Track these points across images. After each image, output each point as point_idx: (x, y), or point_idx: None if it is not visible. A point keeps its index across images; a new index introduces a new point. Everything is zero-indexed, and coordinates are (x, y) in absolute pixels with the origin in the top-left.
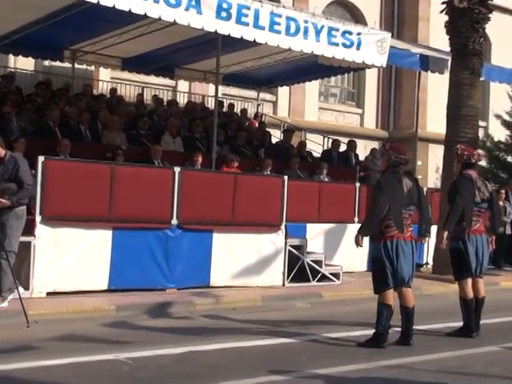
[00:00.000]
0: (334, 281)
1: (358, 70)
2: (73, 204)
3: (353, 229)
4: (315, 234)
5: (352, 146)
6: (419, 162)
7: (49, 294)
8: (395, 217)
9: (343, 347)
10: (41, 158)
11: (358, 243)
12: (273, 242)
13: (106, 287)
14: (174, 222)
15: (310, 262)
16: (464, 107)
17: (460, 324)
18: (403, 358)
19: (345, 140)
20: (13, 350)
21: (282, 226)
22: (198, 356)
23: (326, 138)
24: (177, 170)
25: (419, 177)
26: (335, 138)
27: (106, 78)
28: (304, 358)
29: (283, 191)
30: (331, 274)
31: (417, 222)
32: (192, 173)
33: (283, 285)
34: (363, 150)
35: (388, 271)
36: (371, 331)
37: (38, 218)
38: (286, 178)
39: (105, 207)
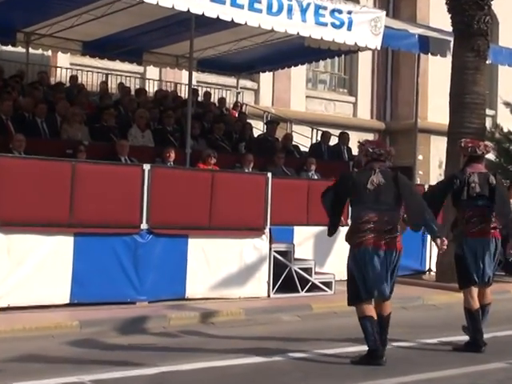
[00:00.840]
0: (326, 291)
1: (350, 53)
2: (28, 207)
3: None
4: (304, 239)
5: (344, 138)
6: (420, 157)
7: (2, 309)
8: (353, 219)
9: (335, 365)
10: None
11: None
12: (256, 248)
13: (67, 301)
14: (144, 226)
15: (298, 270)
16: (468, 94)
17: (467, 338)
18: (404, 376)
19: (336, 132)
20: None
21: (266, 230)
22: (172, 377)
23: (315, 130)
24: (146, 167)
25: (420, 173)
26: (325, 129)
27: (64, 65)
28: (291, 378)
29: (267, 190)
30: (322, 283)
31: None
32: (163, 170)
33: (268, 296)
34: (356, 143)
35: (358, 281)
36: (364, 347)
37: None
38: (269, 175)
39: (65, 210)
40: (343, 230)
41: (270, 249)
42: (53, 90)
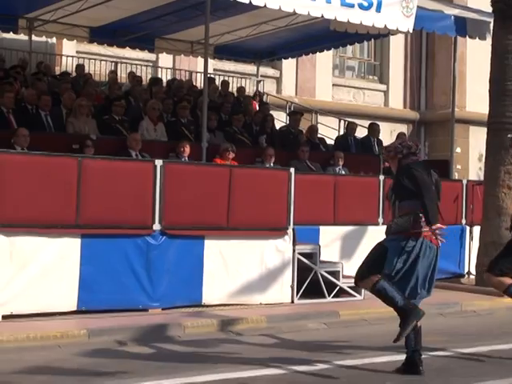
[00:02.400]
0: (355, 296)
1: (380, 37)
2: (32, 207)
3: (376, 232)
4: (330, 240)
5: (374, 130)
6: (458, 149)
7: (5, 317)
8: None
9: (364, 377)
10: None
11: None
12: (278, 250)
13: (74, 308)
14: (157, 227)
15: (325, 274)
16: (510, 81)
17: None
18: None
19: (365, 123)
20: None
21: (290, 230)
22: None
23: (342, 121)
24: (158, 163)
25: (458, 167)
26: (353, 120)
27: (70, 53)
28: None
29: (290, 187)
30: (350, 287)
31: None
32: (177, 166)
33: (292, 302)
34: (388, 134)
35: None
36: (400, 356)
37: None
38: (292, 170)
39: (71, 210)
40: (374, 231)
41: (294, 250)
42: (58, 80)
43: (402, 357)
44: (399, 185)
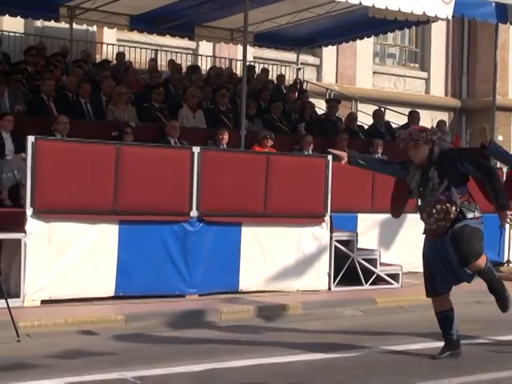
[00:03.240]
0: (392, 283)
1: (420, 24)
2: (71, 193)
3: (414, 220)
4: (368, 227)
5: (413, 118)
6: (500, 137)
7: (43, 302)
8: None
9: (398, 363)
10: (31, 138)
11: None
12: (315, 237)
13: (112, 293)
14: (194, 213)
15: (362, 261)
16: None
17: None
18: (470, 375)
19: (406, 111)
20: None
21: (327, 217)
22: (221, 374)
23: (382, 109)
24: (196, 150)
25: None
26: (391, 108)
27: (111, 41)
28: (349, 377)
29: (327, 174)
30: (388, 275)
31: None
32: (215, 153)
33: (329, 289)
34: (429, 122)
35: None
36: (435, 343)
37: (29, 211)
38: (330, 157)
39: (110, 197)
40: (412, 218)
41: (331, 238)
42: (98, 68)
43: (438, 344)
44: (454, 170)
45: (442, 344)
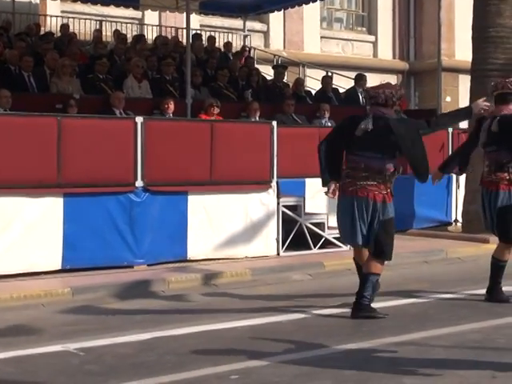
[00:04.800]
0: (340, 246)
1: None
2: (12, 167)
3: None
4: (316, 191)
5: (360, 81)
6: (448, 98)
7: None
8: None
9: (344, 324)
10: None
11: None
12: (262, 203)
13: (59, 267)
14: (139, 183)
15: (310, 226)
16: (492, 27)
17: None
18: (413, 333)
19: (354, 75)
20: None
21: (273, 183)
22: (165, 342)
23: (330, 74)
24: (139, 120)
25: None
26: (339, 72)
27: (55, 13)
28: (290, 340)
29: (272, 140)
30: (336, 238)
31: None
32: (158, 123)
33: (278, 254)
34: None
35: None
36: (380, 304)
37: None
38: (274, 123)
39: (52, 169)
40: None
41: (278, 203)
42: (42, 40)
43: (383, 304)
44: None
45: (388, 304)
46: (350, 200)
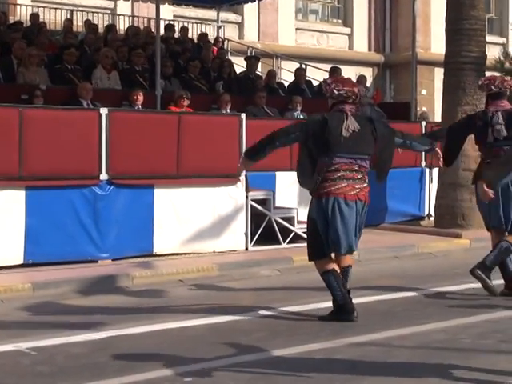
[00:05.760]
0: None
1: None
2: None
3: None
4: (287, 185)
5: (335, 74)
6: (424, 91)
7: None
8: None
9: (306, 323)
10: None
11: None
12: (231, 197)
13: (21, 261)
14: (104, 176)
15: (279, 220)
16: (465, 19)
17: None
18: (377, 332)
19: (329, 67)
20: None
21: (242, 177)
22: (120, 342)
23: (304, 66)
24: (103, 111)
25: (424, 109)
26: (313, 64)
27: (25, 2)
28: (251, 339)
29: (241, 133)
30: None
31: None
32: (123, 114)
33: (246, 249)
34: (354, 78)
35: (322, 235)
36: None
37: None
38: (243, 116)
39: (14, 162)
40: None
41: (247, 197)
42: (10, 29)
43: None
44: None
45: (355, 301)
46: (353, 205)
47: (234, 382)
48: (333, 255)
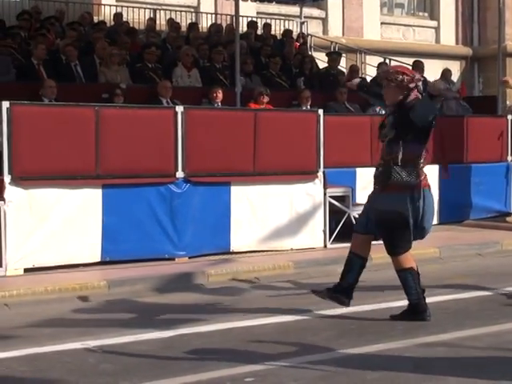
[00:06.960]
0: None
1: None
2: (50, 159)
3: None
4: (368, 181)
5: (417, 67)
6: None
7: (27, 270)
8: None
9: (377, 322)
10: (5, 104)
11: None
12: (308, 194)
13: (98, 259)
14: (180, 174)
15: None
16: None
17: None
18: (448, 332)
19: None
20: None
21: (320, 173)
22: (189, 340)
23: (388, 61)
24: (179, 109)
25: (508, 103)
26: (403, 59)
27: (110, 2)
28: (320, 338)
29: (318, 129)
30: None
31: None
32: (199, 112)
33: (325, 246)
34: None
35: (411, 229)
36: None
37: (7, 179)
38: (321, 112)
39: (91, 161)
40: None
41: (325, 194)
42: (94, 29)
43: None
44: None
45: (430, 300)
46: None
47: (295, 382)
48: None
